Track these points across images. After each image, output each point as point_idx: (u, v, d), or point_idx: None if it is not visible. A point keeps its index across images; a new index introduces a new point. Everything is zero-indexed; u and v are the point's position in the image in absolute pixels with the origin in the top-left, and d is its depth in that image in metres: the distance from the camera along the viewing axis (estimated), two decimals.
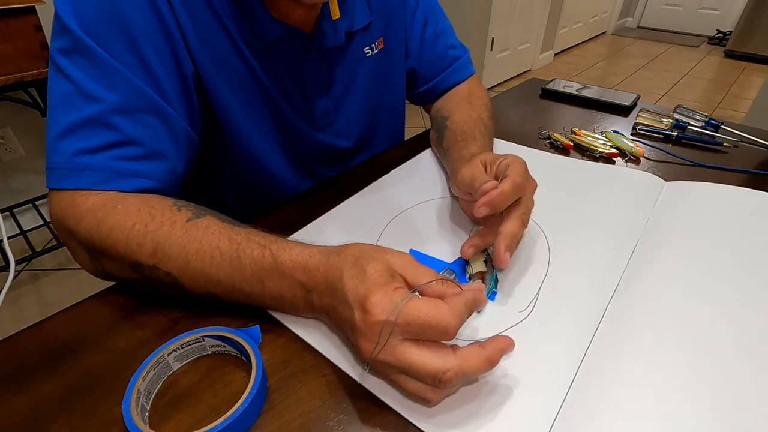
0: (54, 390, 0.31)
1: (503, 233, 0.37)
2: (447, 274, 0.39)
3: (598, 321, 0.36)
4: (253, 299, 0.35)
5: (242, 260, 0.34)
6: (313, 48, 0.51)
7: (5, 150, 1.48)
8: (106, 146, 0.38)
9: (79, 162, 0.37)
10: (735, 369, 0.31)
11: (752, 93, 2.84)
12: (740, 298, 0.37)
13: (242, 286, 0.34)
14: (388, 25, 0.59)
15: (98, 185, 0.37)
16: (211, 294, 0.35)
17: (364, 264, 0.30)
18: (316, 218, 0.48)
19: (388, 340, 0.27)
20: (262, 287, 0.34)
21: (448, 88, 0.66)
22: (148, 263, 0.35)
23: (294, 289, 0.33)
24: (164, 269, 0.35)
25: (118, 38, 0.38)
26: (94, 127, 0.37)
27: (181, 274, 0.35)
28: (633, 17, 4.65)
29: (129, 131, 0.38)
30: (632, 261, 0.42)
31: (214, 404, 0.30)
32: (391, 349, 0.27)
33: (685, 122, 0.68)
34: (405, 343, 0.27)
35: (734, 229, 0.45)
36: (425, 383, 0.27)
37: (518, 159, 0.42)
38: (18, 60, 1.15)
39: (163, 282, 0.36)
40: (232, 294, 0.35)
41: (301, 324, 0.36)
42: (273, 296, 0.34)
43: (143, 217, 0.36)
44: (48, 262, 1.48)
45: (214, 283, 0.34)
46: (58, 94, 0.37)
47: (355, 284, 0.29)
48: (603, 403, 0.29)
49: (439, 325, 0.27)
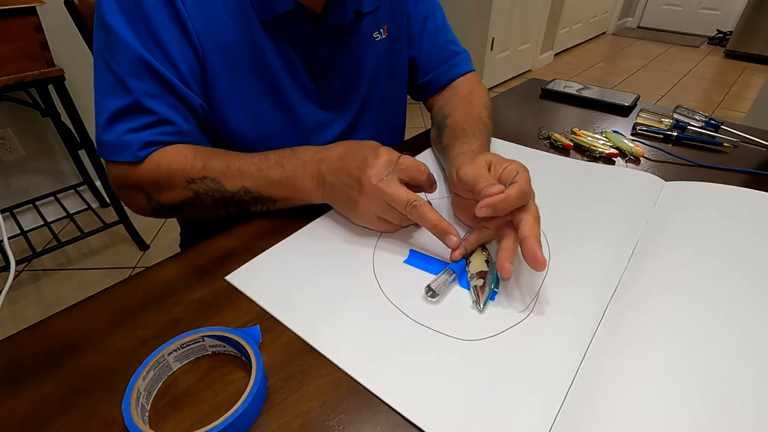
0: (54, 390, 0.31)
1: (531, 236, 0.37)
2: (447, 274, 0.39)
3: (598, 321, 0.36)
4: (275, 186, 0.46)
5: (268, 155, 0.47)
6: (323, 26, 0.53)
7: (5, 150, 1.48)
8: (147, 126, 0.46)
9: (128, 139, 0.46)
10: (735, 369, 0.31)
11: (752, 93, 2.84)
12: (740, 297, 0.37)
13: (267, 172, 0.46)
14: (392, 13, 0.60)
15: (146, 152, 0.47)
16: (244, 189, 0.46)
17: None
18: (316, 218, 0.48)
19: (392, 176, 0.42)
20: (282, 170, 0.46)
21: (447, 82, 0.67)
22: (199, 176, 0.46)
23: (307, 167, 0.45)
24: (211, 176, 0.46)
25: (144, 32, 0.45)
26: (135, 112, 0.46)
27: (223, 177, 0.46)
28: (633, 17, 4.65)
29: (162, 112, 0.47)
30: (632, 261, 0.42)
31: (214, 404, 0.30)
32: (388, 182, 0.41)
33: (685, 122, 0.68)
34: (397, 181, 0.42)
35: (734, 229, 0.45)
36: (401, 210, 0.41)
37: (525, 167, 0.42)
38: (18, 60, 1.15)
39: (209, 191, 0.46)
40: (259, 183, 0.46)
41: (301, 324, 0.36)
42: (290, 176, 0.46)
43: (190, 150, 0.48)
44: (48, 262, 1.48)
45: (246, 176, 0.46)
46: (105, 83, 0.46)
47: (367, 143, 0.45)
48: (603, 403, 0.29)
49: (420, 166, 0.44)
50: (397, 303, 0.38)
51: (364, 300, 0.38)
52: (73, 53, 1.44)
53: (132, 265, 1.48)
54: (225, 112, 0.52)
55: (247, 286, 0.40)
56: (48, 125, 1.48)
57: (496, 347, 0.34)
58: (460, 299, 0.38)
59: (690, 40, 4.16)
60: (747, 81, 3.13)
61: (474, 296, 0.38)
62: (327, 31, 0.53)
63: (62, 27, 1.33)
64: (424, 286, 0.39)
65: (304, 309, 0.37)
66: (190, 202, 0.48)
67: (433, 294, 0.38)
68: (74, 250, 1.54)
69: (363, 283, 0.40)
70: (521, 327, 0.35)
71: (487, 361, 0.33)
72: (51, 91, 1.28)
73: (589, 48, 3.97)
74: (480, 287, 0.38)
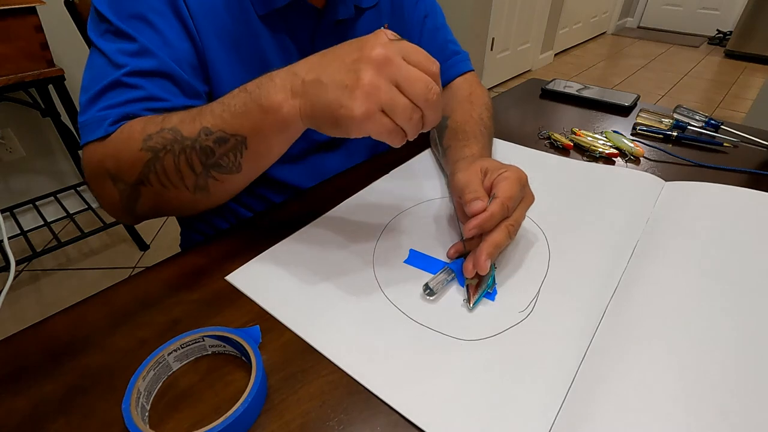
0: (54, 390, 0.31)
1: (488, 241, 0.39)
2: (446, 274, 0.39)
3: (598, 321, 0.36)
4: (238, 116, 0.37)
5: (246, 86, 0.37)
6: (325, 21, 0.53)
7: (5, 150, 1.48)
8: (133, 100, 0.41)
9: (102, 114, 0.41)
10: (736, 369, 0.31)
11: (752, 93, 2.84)
12: (740, 298, 0.37)
13: (228, 102, 0.37)
14: (392, 10, 0.61)
15: (119, 125, 0.40)
16: (205, 131, 0.37)
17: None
18: (316, 218, 0.48)
19: (394, 48, 0.33)
20: (245, 92, 0.37)
21: (446, 82, 0.67)
22: (155, 130, 0.38)
23: (274, 78, 0.36)
24: (168, 126, 0.38)
25: (139, 18, 0.43)
26: (118, 87, 0.41)
27: (181, 123, 0.38)
28: (633, 17, 4.65)
29: (151, 89, 0.42)
30: (632, 261, 0.42)
31: (214, 404, 0.30)
32: (395, 63, 0.33)
33: (685, 122, 0.68)
34: (404, 62, 0.33)
35: (734, 229, 0.45)
36: (416, 92, 0.33)
37: (514, 175, 0.41)
38: (18, 60, 1.15)
39: (166, 144, 0.38)
40: (221, 119, 0.37)
41: (301, 324, 0.36)
42: (253, 95, 0.36)
43: (155, 115, 0.41)
44: (48, 262, 1.48)
45: (206, 114, 0.38)
46: (94, 67, 0.43)
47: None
48: (603, 402, 0.29)
49: (430, 57, 0.35)
50: (397, 303, 0.38)
51: (364, 300, 0.38)
52: (73, 53, 1.44)
53: (132, 265, 1.48)
54: None
55: (247, 286, 0.40)
56: (48, 125, 1.48)
57: (496, 347, 0.34)
58: (460, 299, 0.38)
59: (690, 40, 4.16)
60: (747, 81, 3.13)
61: (465, 294, 0.38)
62: (328, 26, 0.53)
63: (62, 27, 1.33)
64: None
65: (304, 309, 0.37)
66: (150, 170, 0.39)
67: (430, 292, 0.38)
68: (74, 250, 1.54)
69: (363, 283, 0.40)
70: (521, 327, 0.35)
71: (487, 361, 0.33)
72: (51, 91, 1.28)
73: (589, 48, 3.97)
74: (473, 286, 0.38)
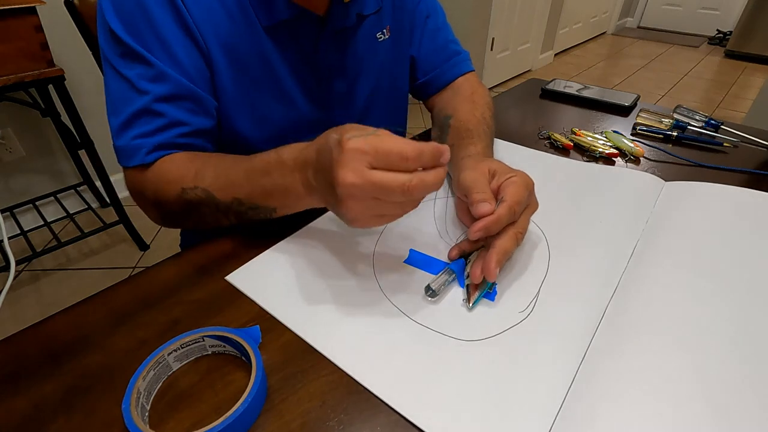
0: (54, 390, 0.31)
1: (497, 249, 0.38)
2: (446, 274, 0.39)
3: (598, 321, 0.36)
4: (269, 196, 0.42)
5: (253, 162, 0.42)
6: (327, 29, 0.53)
7: (5, 150, 1.48)
8: (161, 128, 0.46)
9: (137, 144, 0.46)
10: (735, 369, 0.31)
11: (752, 93, 2.84)
12: (740, 298, 0.37)
13: (258, 181, 0.42)
14: (395, 13, 0.61)
15: (155, 155, 0.46)
16: (237, 201, 0.43)
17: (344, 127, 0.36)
18: (316, 218, 0.48)
19: (360, 166, 0.32)
20: (271, 179, 0.41)
21: (447, 82, 0.67)
22: (190, 185, 0.44)
23: (294, 173, 0.40)
24: (201, 186, 0.44)
25: (152, 38, 0.45)
26: (145, 116, 0.46)
27: (213, 187, 0.43)
28: (633, 17, 4.65)
29: (174, 114, 0.46)
30: (632, 261, 0.42)
31: (214, 404, 0.30)
32: (362, 173, 0.32)
33: (685, 122, 0.68)
34: (373, 170, 0.32)
35: (734, 229, 0.45)
36: (395, 198, 0.33)
37: (522, 180, 0.41)
38: (18, 60, 1.15)
39: (201, 201, 0.44)
40: (252, 194, 0.42)
41: (301, 324, 0.36)
42: (278, 186, 0.41)
43: (189, 156, 0.47)
44: (48, 262, 1.48)
45: (237, 187, 0.43)
46: (119, 90, 0.46)
47: (332, 132, 0.36)
48: (603, 403, 0.29)
49: (401, 151, 0.32)
50: (397, 303, 0.38)
51: (364, 300, 0.38)
52: (73, 53, 1.44)
53: (132, 265, 1.48)
54: (231, 114, 0.52)
55: (247, 286, 0.40)
56: (48, 125, 1.48)
57: (496, 347, 0.34)
58: (460, 300, 0.38)
59: (690, 40, 4.16)
60: (747, 81, 3.13)
61: (465, 294, 0.38)
62: (331, 34, 0.54)
63: (62, 27, 1.34)
64: (423, 286, 0.39)
65: (304, 309, 0.37)
66: (188, 211, 0.46)
67: (432, 294, 0.38)
68: (74, 250, 1.54)
69: (363, 283, 0.40)
70: (521, 327, 0.35)
71: (488, 361, 0.33)
72: (51, 91, 1.28)
73: (589, 48, 3.96)
74: (473, 286, 0.38)
